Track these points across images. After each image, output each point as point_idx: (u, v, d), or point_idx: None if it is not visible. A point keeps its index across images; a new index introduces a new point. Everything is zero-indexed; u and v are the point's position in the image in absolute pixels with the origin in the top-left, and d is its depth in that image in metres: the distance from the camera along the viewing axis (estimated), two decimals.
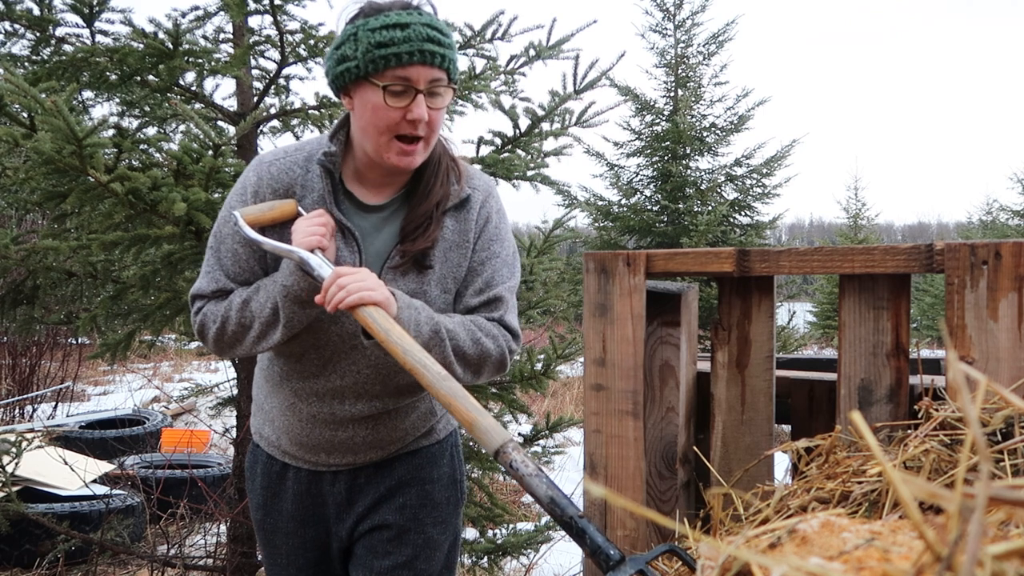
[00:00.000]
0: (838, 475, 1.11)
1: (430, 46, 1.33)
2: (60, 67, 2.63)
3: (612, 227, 9.55)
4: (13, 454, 3.22)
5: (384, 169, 1.44)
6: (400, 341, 1.28)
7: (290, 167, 1.47)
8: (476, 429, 1.21)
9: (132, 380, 9.85)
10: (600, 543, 1.08)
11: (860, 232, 14.61)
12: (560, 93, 2.97)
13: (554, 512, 1.12)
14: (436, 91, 1.36)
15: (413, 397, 1.55)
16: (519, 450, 1.18)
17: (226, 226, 1.48)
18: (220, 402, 3.44)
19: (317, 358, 1.48)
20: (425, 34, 1.33)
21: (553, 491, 1.13)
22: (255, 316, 1.42)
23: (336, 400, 1.50)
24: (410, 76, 1.33)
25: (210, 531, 3.96)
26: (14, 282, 2.90)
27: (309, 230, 1.37)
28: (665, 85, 9.86)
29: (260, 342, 1.44)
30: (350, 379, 1.49)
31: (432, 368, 1.26)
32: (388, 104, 1.34)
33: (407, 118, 1.35)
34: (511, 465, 1.16)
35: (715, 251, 1.54)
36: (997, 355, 1.31)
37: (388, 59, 1.32)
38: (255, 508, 1.64)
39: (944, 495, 0.43)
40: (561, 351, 3.14)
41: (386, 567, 1.52)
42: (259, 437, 1.63)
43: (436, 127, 1.40)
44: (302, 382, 1.50)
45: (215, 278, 1.48)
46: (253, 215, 1.41)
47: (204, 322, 1.48)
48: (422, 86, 1.34)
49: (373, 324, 1.29)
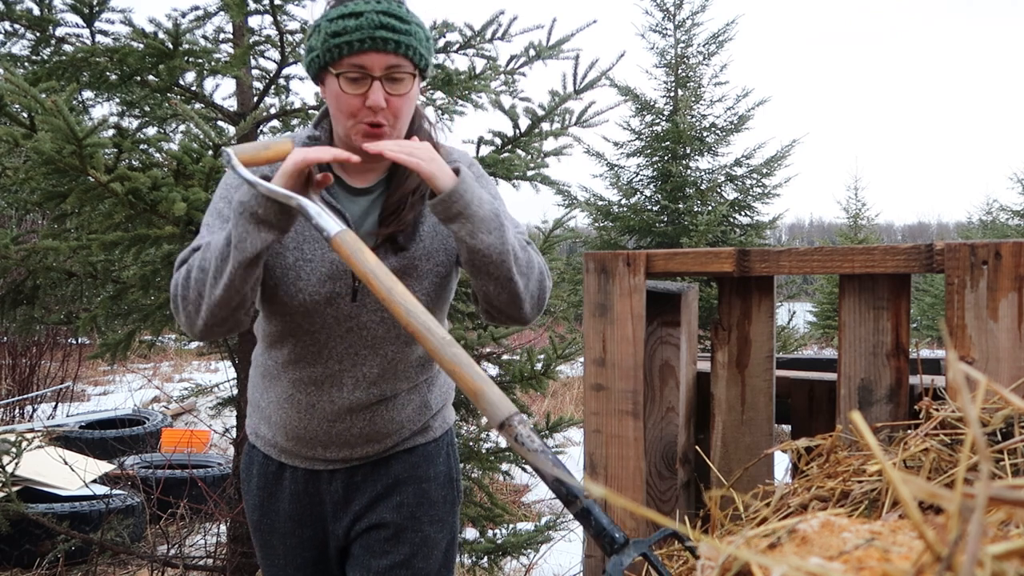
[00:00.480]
0: (838, 475, 1.11)
1: (383, 32, 1.34)
2: (60, 67, 2.63)
3: (612, 227, 9.55)
4: (13, 454, 3.22)
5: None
6: (403, 301, 1.18)
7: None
8: (482, 399, 1.13)
9: (132, 380, 9.85)
10: (605, 525, 1.05)
11: (860, 232, 14.61)
12: (560, 93, 2.97)
13: (559, 491, 1.08)
14: (395, 77, 1.37)
15: (410, 383, 1.55)
16: (525, 424, 1.11)
17: (221, 199, 1.47)
18: (220, 402, 3.45)
19: (312, 343, 1.48)
20: (378, 21, 1.34)
21: (559, 470, 1.08)
22: (212, 255, 1.34)
23: (335, 387, 1.50)
24: (364, 63, 1.35)
25: (210, 531, 3.96)
26: (14, 282, 2.90)
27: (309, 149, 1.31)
28: (665, 85, 9.86)
29: (216, 284, 1.33)
30: (348, 362, 1.49)
31: (436, 332, 1.17)
32: (344, 91, 1.36)
33: (366, 105, 1.36)
34: (517, 439, 1.10)
35: (715, 251, 1.54)
36: (997, 355, 1.31)
37: (341, 47, 1.34)
38: (251, 509, 1.63)
39: (944, 495, 0.43)
40: (561, 351, 3.14)
41: (384, 566, 1.52)
42: (255, 437, 1.63)
43: (401, 114, 1.40)
44: (299, 370, 1.50)
45: (198, 242, 1.43)
46: (248, 154, 1.33)
47: (174, 284, 1.40)
48: (377, 73, 1.35)
49: (375, 280, 1.19)
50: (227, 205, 1.45)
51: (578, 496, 1.07)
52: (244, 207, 1.29)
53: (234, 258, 1.29)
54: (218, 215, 1.46)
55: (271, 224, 1.29)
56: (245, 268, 1.30)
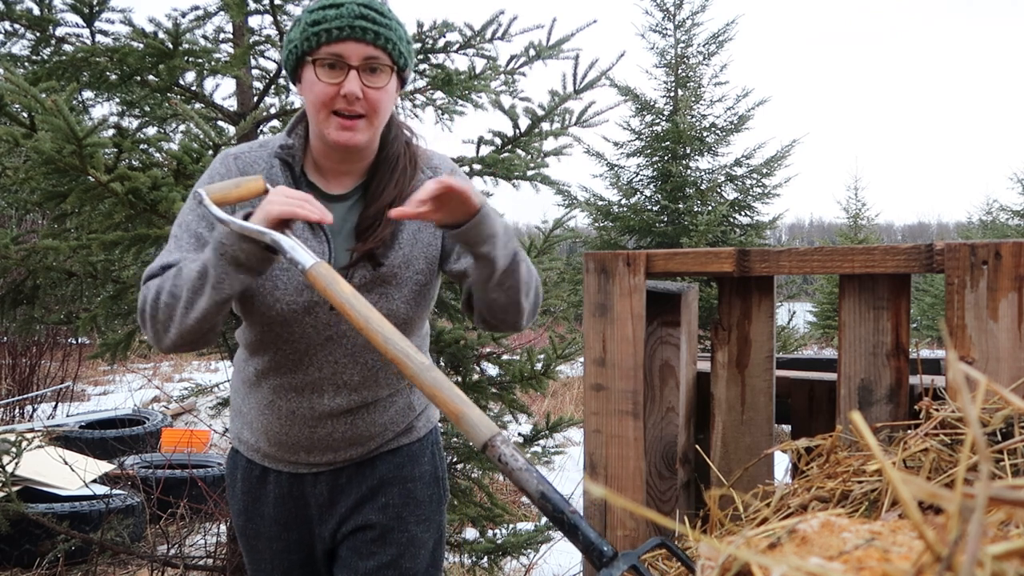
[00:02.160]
0: (838, 475, 1.11)
1: (361, 22, 1.35)
2: (60, 67, 2.63)
3: (612, 227, 9.55)
4: (13, 454, 3.22)
5: (337, 155, 1.45)
6: (381, 329, 1.20)
7: (255, 160, 1.49)
8: (463, 422, 1.15)
9: (132, 380, 9.85)
10: (592, 539, 1.06)
11: (860, 232, 14.62)
12: (560, 93, 2.97)
13: (545, 508, 1.09)
14: (373, 68, 1.37)
15: (391, 389, 1.55)
16: (508, 443, 1.13)
17: (191, 213, 1.45)
18: (220, 402, 3.44)
19: (292, 352, 1.47)
20: (358, 11, 1.35)
21: (544, 486, 1.09)
22: (184, 282, 1.33)
23: (315, 394, 1.50)
24: (341, 52, 1.35)
25: (210, 531, 3.96)
26: (14, 282, 2.90)
27: (285, 198, 1.28)
28: (665, 85, 9.87)
29: (188, 314, 1.33)
30: (328, 370, 1.48)
31: (415, 358, 1.19)
32: (320, 79, 1.36)
33: (341, 93, 1.36)
34: (500, 459, 1.12)
35: (715, 251, 1.54)
36: (997, 355, 1.31)
37: (320, 35, 1.35)
38: (236, 514, 1.62)
39: (944, 495, 0.43)
40: (561, 351, 3.14)
41: (371, 568, 1.52)
42: (238, 442, 1.62)
43: (378, 108, 1.39)
44: (280, 378, 1.50)
45: (169, 256, 1.42)
46: (219, 193, 1.34)
47: (144, 296, 1.39)
48: (355, 62, 1.36)
49: (352, 311, 1.22)
50: (196, 219, 1.44)
51: (564, 511, 1.07)
52: (224, 249, 1.29)
53: (210, 296, 1.31)
54: (187, 228, 1.44)
55: (251, 268, 1.31)
56: (220, 304, 1.32)
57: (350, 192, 1.49)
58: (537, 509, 1.30)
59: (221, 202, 1.34)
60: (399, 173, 1.47)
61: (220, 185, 1.36)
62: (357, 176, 1.50)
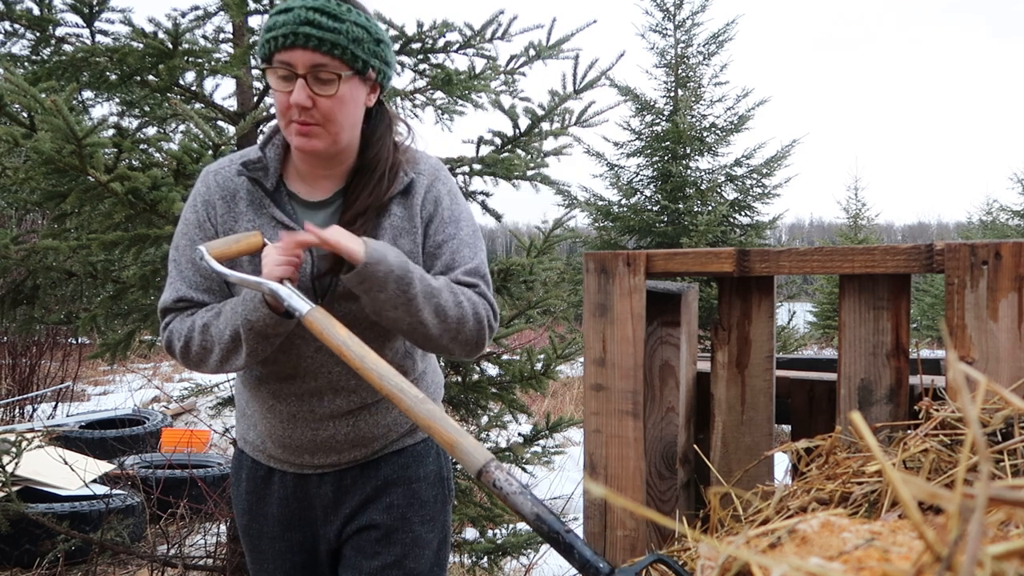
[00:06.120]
0: (838, 475, 1.11)
1: (306, 29, 1.30)
2: (60, 67, 2.63)
3: (612, 227, 9.55)
4: (13, 454, 3.22)
5: (310, 160, 1.45)
6: (375, 367, 1.27)
7: (233, 175, 1.49)
8: (457, 450, 1.20)
9: (132, 380, 9.86)
10: (588, 557, 1.06)
11: (860, 232, 14.61)
12: (560, 93, 2.97)
13: (540, 529, 1.11)
14: (320, 77, 1.33)
15: None
16: (502, 468, 1.17)
17: (183, 237, 1.49)
18: (220, 402, 3.44)
19: (287, 362, 1.49)
20: (304, 17, 1.30)
21: (538, 507, 1.12)
22: (215, 341, 1.41)
23: (315, 398, 1.51)
24: (290, 60, 1.33)
25: (210, 531, 3.96)
26: (14, 282, 2.90)
27: (278, 259, 1.34)
28: (665, 85, 9.87)
29: (225, 364, 1.43)
30: (324, 379, 1.49)
31: (409, 392, 1.25)
32: (274, 88, 1.36)
33: (290, 103, 1.34)
34: (495, 484, 1.15)
35: (715, 251, 1.54)
36: (997, 355, 1.31)
37: (270, 43, 1.34)
38: (240, 513, 1.63)
39: (944, 495, 0.43)
40: (561, 351, 3.14)
41: (375, 567, 1.52)
42: (243, 442, 1.63)
43: (331, 116, 1.36)
44: (279, 384, 1.51)
45: (176, 288, 1.48)
46: (219, 249, 1.39)
47: (170, 339, 1.48)
48: (301, 70, 1.32)
49: (347, 352, 1.28)
50: (189, 244, 1.48)
51: (559, 532, 1.09)
52: (253, 326, 1.36)
53: (249, 358, 1.41)
54: (183, 253, 1.49)
55: (279, 335, 1.40)
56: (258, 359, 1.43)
57: (331, 198, 1.48)
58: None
59: (221, 257, 1.40)
60: (376, 179, 1.45)
61: (220, 241, 1.41)
62: (338, 180, 1.49)
